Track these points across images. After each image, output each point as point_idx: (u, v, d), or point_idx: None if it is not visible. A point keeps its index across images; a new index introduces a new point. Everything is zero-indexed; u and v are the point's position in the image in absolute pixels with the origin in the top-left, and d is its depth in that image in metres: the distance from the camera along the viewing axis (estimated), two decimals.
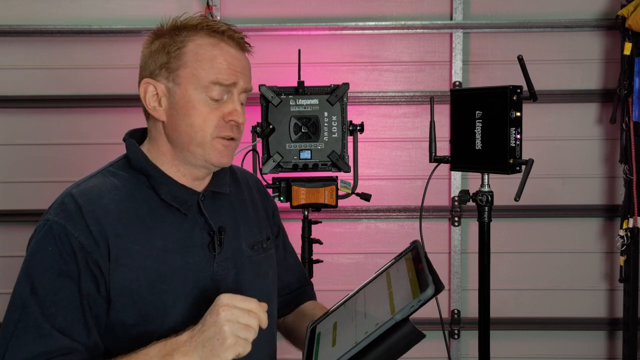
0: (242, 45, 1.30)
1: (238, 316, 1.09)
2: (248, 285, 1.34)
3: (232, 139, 1.29)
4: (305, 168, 2.40)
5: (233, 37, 1.28)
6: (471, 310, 3.23)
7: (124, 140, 1.34)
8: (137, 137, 1.36)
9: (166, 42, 1.27)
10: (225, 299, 1.10)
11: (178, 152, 1.29)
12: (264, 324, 1.12)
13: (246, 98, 1.34)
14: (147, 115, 1.33)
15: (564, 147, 3.18)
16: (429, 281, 1.05)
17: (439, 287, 1.04)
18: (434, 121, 1.99)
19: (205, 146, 1.26)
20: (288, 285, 1.57)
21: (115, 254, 1.19)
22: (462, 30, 3.11)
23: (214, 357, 1.09)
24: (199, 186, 1.33)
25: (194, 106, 1.25)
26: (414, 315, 1.11)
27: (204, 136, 1.25)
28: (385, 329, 1.06)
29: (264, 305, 1.13)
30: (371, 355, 1.07)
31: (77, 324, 1.16)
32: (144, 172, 1.28)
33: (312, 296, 1.63)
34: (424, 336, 1.07)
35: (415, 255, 1.22)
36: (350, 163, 2.45)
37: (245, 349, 1.10)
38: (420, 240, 1.29)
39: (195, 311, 1.24)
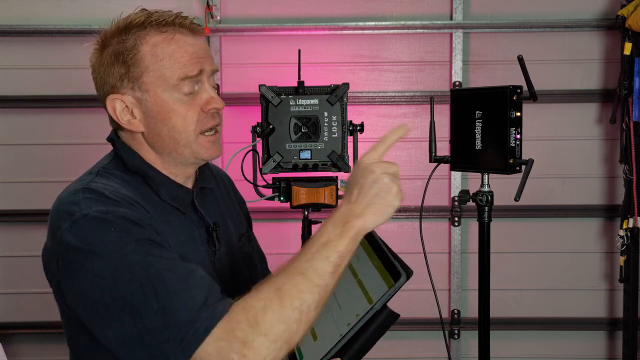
0: (194, 29, 1.25)
1: (388, 167, 1.13)
2: (242, 277, 1.35)
3: (215, 131, 1.27)
4: (305, 168, 2.40)
5: (184, 25, 1.23)
6: (471, 310, 3.23)
7: (111, 140, 1.31)
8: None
9: (117, 51, 1.21)
10: (368, 158, 1.14)
11: (166, 157, 1.26)
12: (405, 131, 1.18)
13: (213, 79, 1.30)
14: (118, 128, 1.29)
15: (564, 147, 3.18)
16: (399, 268, 1.09)
17: (408, 273, 1.09)
18: (434, 121, 1.99)
19: (191, 145, 1.24)
20: (261, 274, 1.56)
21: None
22: (462, 30, 3.11)
23: (387, 208, 1.10)
24: (189, 183, 1.33)
25: (171, 108, 1.21)
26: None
27: (188, 136, 1.23)
28: (368, 319, 1.10)
29: (389, 134, 1.18)
30: (357, 343, 1.11)
31: (192, 264, 1.09)
32: (141, 172, 1.26)
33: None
34: (399, 316, 1.12)
35: (371, 240, 1.23)
36: (351, 163, 2.45)
37: (403, 195, 1.13)
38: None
39: None
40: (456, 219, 3.17)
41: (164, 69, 1.19)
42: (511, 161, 1.71)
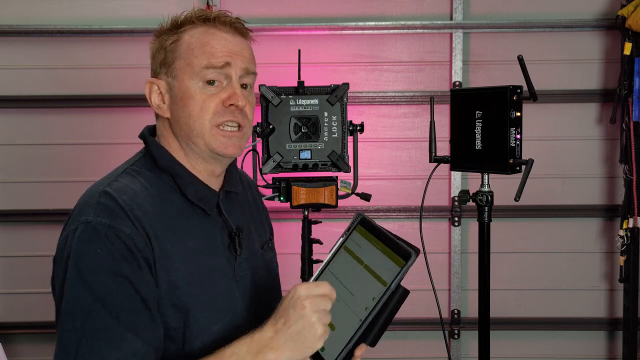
0: (237, 28, 1.28)
1: (320, 304, 1.09)
2: (263, 285, 1.34)
3: (237, 126, 1.25)
4: (305, 168, 2.40)
5: (225, 22, 1.26)
6: (471, 310, 3.23)
7: (143, 137, 1.31)
8: (151, 134, 1.33)
9: (164, 40, 1.26)
10: (303, 290, 1.09)
11: (185, 146, 1.26)
12: (334, 298, 1.13)
13: (254, 81, 1.31)
14: (156, 115, 1.31)
15: (564, 147, 3.18)
16: (407, 248, 1.14)
17: (416, 251, 1.12)
18: (434, 121, 1.99)
19: (204, 136, 1.22)
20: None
21: (157, 254, 1.16)
22: (462, 30, 3.11)
23: (306, 349, 1.08)
24: (216, 185, 1.31)
25: (191, 95, 1.22)
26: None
27: (202, 125, 1.22)
28: (385, 300, 1.14)
29: (332, 288, 1.12)
30: (377, 325, 1.15)
31: (143, 324, 1.11)
32: (170, 171, 1.25)
33: None
34: (409, 292, 1.16)
35: (369, 226, 1.25)
36: (350, 163, 2.45)
37: (327, 337, 1.10)
38: (367, 216, 1.32)
39: (218, 312, 1.23)
40: (456, 219, 3.17)
41: (192, 57, 1.22)
42: (511, 161, 1.72)
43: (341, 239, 1.32)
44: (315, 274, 1.32)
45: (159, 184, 1.24)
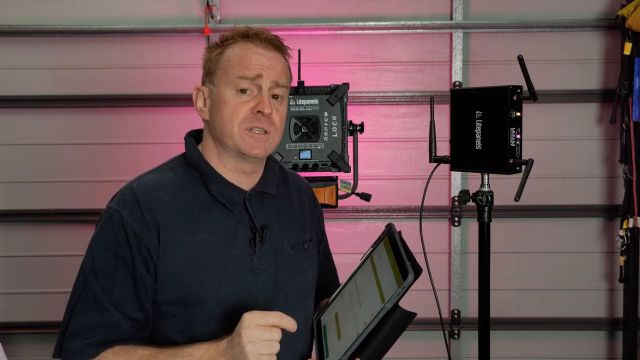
0: (272, 44, 1.43)
1: (259, 335, 1.20)
2: (285, 280, 1.43)
3: (265, 132, 1.37)
4: (305, 168, 2.40)
5: (260, 37, 1.41)
6: (471, 310, 3.23)
7: (185, 138, 1.48)
8: (195, 136, 1.49)
9: (211, 52, 1.44)
10: (246, 320, 1.21)
11: (219, 146, 1.41)
12: (292, 329, 1.23)
13: (285, 93, 1.43)
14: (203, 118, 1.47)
15: (564, 147, 3.18)
16: (408, 267, 1.13)
17: (417, 272, 1.12)
18: (434, 121, 1.99)
19: (234, 137, 1.36)
20: (321, 287, 1.65)
21: (164, 241, 1.33)
22: (462, 30, 3.11)
23: None
24: (246, 183, 1.43)
25: (225, 101, 1.37)
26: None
27: (232, 127, 1.36)
28: (380, 318, 1.14)
29: (288, 318, 1.23)
30: (374, 342, 1.15)
31: (129, 301, 1.32)
32: (198, 168, 1.41)
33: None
34: (415, 315, 1.15)
35: (392, 239, 1.29)
36: (350, 163, 2.45)
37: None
38: (393, 227, 1.35)
39: (232, 299, 1.36)
40: (456, 219, 3.17)
41: (230, 68, 1.38)
42: (511, 161, 1.71)
43: (371, 248, 1.38)
44: (343, 283, 1.39)
45: (188, 179, 1.41)
